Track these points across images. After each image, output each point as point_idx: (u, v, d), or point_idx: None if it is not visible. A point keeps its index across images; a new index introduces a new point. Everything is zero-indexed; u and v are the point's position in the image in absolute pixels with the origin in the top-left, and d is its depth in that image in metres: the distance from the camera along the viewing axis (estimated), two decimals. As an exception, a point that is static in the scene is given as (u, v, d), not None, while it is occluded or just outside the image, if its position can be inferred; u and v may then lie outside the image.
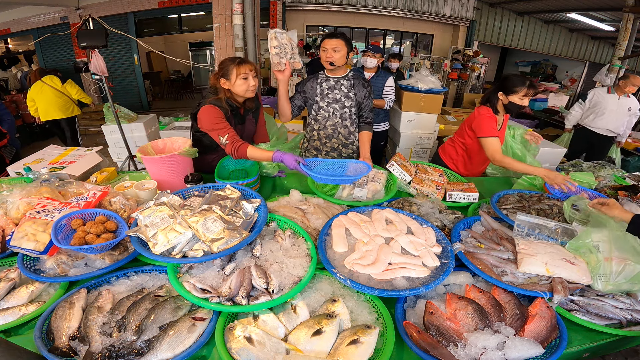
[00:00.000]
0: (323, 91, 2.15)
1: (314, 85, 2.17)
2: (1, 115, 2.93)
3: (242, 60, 1.71)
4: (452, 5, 7.78)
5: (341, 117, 2.17)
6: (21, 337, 0.97)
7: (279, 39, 1.92)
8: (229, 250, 1.07)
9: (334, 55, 2.00)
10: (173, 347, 0.89)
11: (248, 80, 1.70)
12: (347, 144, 2.24)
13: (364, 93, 2.13)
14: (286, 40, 1.95)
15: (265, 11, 6.67)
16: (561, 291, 1.05)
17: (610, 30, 7.63)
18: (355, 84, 2.13)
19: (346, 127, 2.20)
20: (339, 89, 2.13)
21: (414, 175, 1.89)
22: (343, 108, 2.15)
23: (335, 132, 2.22)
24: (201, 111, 1.70)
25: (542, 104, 7.49)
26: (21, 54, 8.59)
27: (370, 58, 3.20)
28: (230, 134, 1.66)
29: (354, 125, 2.21)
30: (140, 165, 3.72)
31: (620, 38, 4.68)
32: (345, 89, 2.13)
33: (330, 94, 2.14)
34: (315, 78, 2.18)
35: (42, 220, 1.22)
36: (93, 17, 3.68)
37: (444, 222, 1.49)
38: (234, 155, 1.65)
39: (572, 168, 2.47)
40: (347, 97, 2.13)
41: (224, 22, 3.93)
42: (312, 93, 2.17)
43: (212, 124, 1.67)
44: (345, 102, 2.14)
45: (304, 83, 2.20)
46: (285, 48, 1.95)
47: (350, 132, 2.21)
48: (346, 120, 2.18)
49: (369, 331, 0.92)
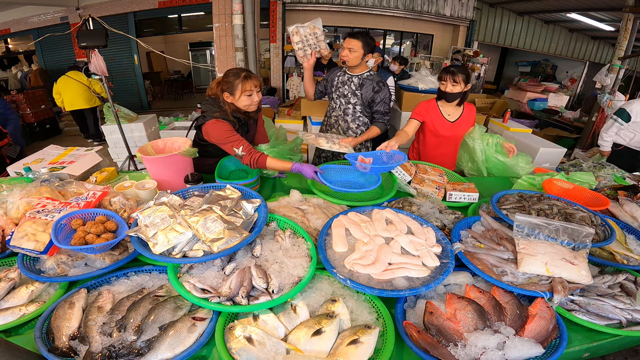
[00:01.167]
0: (337, 84, 2.32)
1: (334, 77, 2.35)
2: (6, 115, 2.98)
3: (247, 75, 1.67)
4: (452, 5, 7.78)
5: (344, 111, 2.32)
6: (21, 337, 0.97)
7: (300, 33, 1.98)
8: (229, 250, 1.07)
9: (349, 55, 2.15)
10: (173, 347, 0.89)
11: (252, 96, 1.69)
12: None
13: (373, 97, 2.23)
14: (309, 31, 2.02)
15: (265, 11, 6.67)
16: (561, 291, 1.05)
17: (610, 30, 7.63)
18: (365, 84, 2.23)
19: (346, 121, 2.34)
20: (349, 85, 2.27)
21: (414, 175, 1.89)
22: (347, 104, 2.30)
23: (336, 124, 2.38)
24: (209, 126, 1.69)
25: (542, 104, 7.50)
26: (21, 54, 8.60)
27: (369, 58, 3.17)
28: (245, 146, 1.67)
29: (355, 122, 2.33)
30: (140, 165, 3.72)
31: (620, 38, 4.68)
32: (353, 87, 2.26)
33: (340, 88, 2.30)
34: (338, 70, 2.35)
35: (42, 220, 1.22)
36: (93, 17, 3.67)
37: (444, 222, 1.49)
38: (253, 165, 1.67)
39: (572, 168, 2.47)
40: (353, 94, 2.27)
41: (224, 22, 3.93)
42: (331, 84, 2.36)
43: (224, 138, 1.67)
44: (350, 99, 2.28)
45: (331, 72, 2.40)
46: (309, 40, 2.04)
47: (348, 127, 2.35)
48: (348, 116, 2.32)
49: (369, 331, 0.92)
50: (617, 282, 1.23)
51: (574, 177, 1.91)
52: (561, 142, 5.42)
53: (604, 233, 1.36)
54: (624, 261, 1.30)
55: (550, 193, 1.72)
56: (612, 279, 1.23)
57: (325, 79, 2.38)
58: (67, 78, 5.11)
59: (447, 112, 2.21)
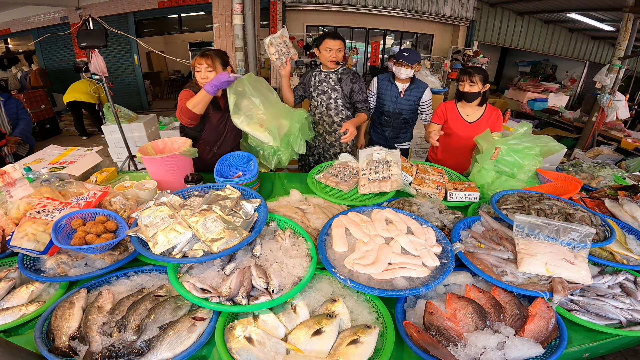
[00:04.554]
0: (315, 83, 2.42)
1: (310, 78, 2.45)
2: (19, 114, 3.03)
3: (202, 53, 1.81)
4: (452, 5, 7.78)
5: (327, 107, 2.43)
6: (21, 337, 0.97)
7: (274, 44, 2.13)
8: (229, 250, 1.07)
9: (339, 55, 2.27)
10: (173, 347, 0.89)
11: (200, 72, 1.80)
12: (330, 131, 2.49)
13: (352, 87, 2.34)
14: (280, 41, 2.14)
15: (265, 11, 6.67)
16: (561, 291, 1.05)
17: (610, 30, 7.63)
18: (342, 78, 2.35)
19: (330, 116, 2.44)
20: (327, 82, 2.38)
21: (414, 176, 1.89)
22: (329, 99, 2.40)
23: (321, 120, 2.48)
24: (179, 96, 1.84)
25: (542, 104, 7.50)
26: (21, 54, 8.59)
27: (405, 68, 2.41)
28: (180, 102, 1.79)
29: (338, 115, 2.44)
30: (140, 165, 3.72)
31: (620, 38, 4.67)
32: (332, 82, 2.37)
33: (319, 86, 2.40)
34: (312, 72, 2.46)
35: (42, 220, 1.22)
36: (93, 17, 3.68)
37: (444, 222, 1.49)
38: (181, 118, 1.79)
39: (572, 168, 2.46)
40: (333, 89, 2.37)
41: (224, 22, 3.93)
42: (309, 85, 2.46)
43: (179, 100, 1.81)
44: (331, 94, 2.39)
45: (305, 75, 2.49)
46: (282, 49, 2.17)
47: (333, 120, 2.45)
48: (331, 111, 2.43)
49: (369, 331, 0.92)
50: (617, 282, 1.23)
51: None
52: (561, 142, 5.41)
53: (604, 233, 1.36)
54: (624, 261, 1.30)
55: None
56: (612, 279, 1.23)
57: (302, 83, 2.47)
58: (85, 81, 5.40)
59: (466, 113, 2.27)
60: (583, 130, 5.45)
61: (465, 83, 2.16)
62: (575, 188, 1.74)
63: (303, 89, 2.47)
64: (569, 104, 8.36)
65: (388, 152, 1.87)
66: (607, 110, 4.88)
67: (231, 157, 1.86)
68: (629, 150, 4.55)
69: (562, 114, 6.88)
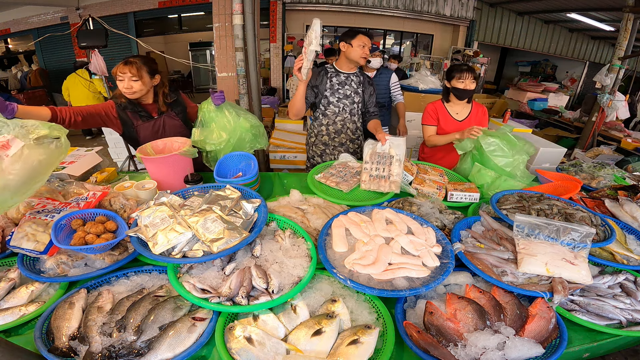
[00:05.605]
0: (333, 86, 2.13)
1: (324, 80, 2.13)
2: None
3: (126, 61, 1.73)
4: (452, 5, 7.78)
5: (350, 112, 2.20)
6: (21, 337, 0.97)
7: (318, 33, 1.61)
8: (229, 250, 1.07)
9: (368, 53, 2.07)
10: (173, 347, 0.89)
11: (123, 82, 1.73)
12: (353, 139, 2.29)
13: (370, 90, 2.21)
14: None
15: (265, 11, 6.68)
16: (561, 291, 1.05)
17: (610, 30, 7.64)
18: (363, 80, 2.19)
19: (354, 122, 2.24)
20: (349, 84, 2.14)
21: (415, 176, 1.89)
22: (352, 104, 2.18)
23: (344, 128, 2.23)
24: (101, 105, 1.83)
25: (542, 104, 7.50)
26: (21, 54, 8.60)
27: (377, 58, 3.09)
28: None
29: (359, 120, 2.28)
30: (140, 166, 3.72)
31: (620, 38, 4.67)
32: (355, 85, 2.16)
33: (340, 90, 2.13)
34: (325, 72, 2.13)
35: (42, 221, 1.22)
36: (93, 17, 3.68)
37: (444, 222, 1.49)
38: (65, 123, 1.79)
39: (572, 168, 2.46)
40: (356, 93, 2.17)
41: (224, 22, 3.93)
42: (323, 88, 2.13)
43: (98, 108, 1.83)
44: (354, 98, 2.18)
45: (315, 77, 2.13)
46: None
47: (357, 127, 2.27)
48: (354, 116, 2.23)
49: (369, 331, 0.92)
50: (617, 282, 1.23)
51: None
52: (561, 142, 5.43)
53: (604, 233, 1.36)
54: (624, 261, 1.30)
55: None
56: (612, 279, 1.23)
57: (314, 86, 2.12)
58: (75, 75, 5.52)
59: (455, 111, 2.27)
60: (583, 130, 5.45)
61: (466, 80, 2.14)
62: (575, 188, 1.74)
63: (315, 94, 2.14)
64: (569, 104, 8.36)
65: (393, 145, 1.74)
66: (607, 110, 4.88)
67: (231, 157, 1.86)
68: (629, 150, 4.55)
69: (562, 114, 6.88)
